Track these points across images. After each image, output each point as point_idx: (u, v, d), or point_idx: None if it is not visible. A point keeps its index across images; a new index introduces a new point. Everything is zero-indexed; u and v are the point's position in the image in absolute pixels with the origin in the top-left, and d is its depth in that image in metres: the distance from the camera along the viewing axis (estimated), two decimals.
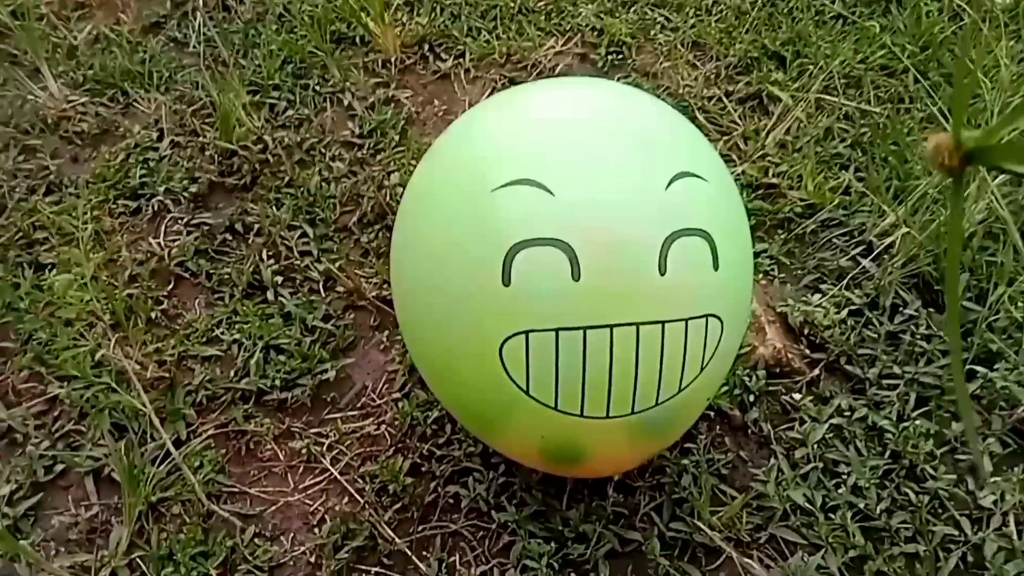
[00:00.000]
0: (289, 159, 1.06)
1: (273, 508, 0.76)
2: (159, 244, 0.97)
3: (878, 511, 0.73)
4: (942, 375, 0.83)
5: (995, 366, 0.83)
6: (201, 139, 1.09)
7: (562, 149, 0.58)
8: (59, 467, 0.78)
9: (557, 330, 0.56)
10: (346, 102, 1.14)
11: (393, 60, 1.21)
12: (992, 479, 0.75)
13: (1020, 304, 0.87)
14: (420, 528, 0.74)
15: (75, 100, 1.15)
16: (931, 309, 0.89)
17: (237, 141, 1.07)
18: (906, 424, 0.79)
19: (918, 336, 0.86)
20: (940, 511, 0.74)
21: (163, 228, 0.99)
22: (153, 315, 0.90)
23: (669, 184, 0.57)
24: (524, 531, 0.72)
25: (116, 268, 0.95)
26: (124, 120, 1.13)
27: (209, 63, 1.19)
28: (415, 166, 0.69)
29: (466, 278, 0.58)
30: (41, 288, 0.91)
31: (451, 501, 0.75)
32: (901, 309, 0.89)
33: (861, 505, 0.74)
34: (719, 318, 0.59)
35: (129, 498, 0.73)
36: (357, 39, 1.24)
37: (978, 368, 0.83)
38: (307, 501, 0.76)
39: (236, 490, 0.77)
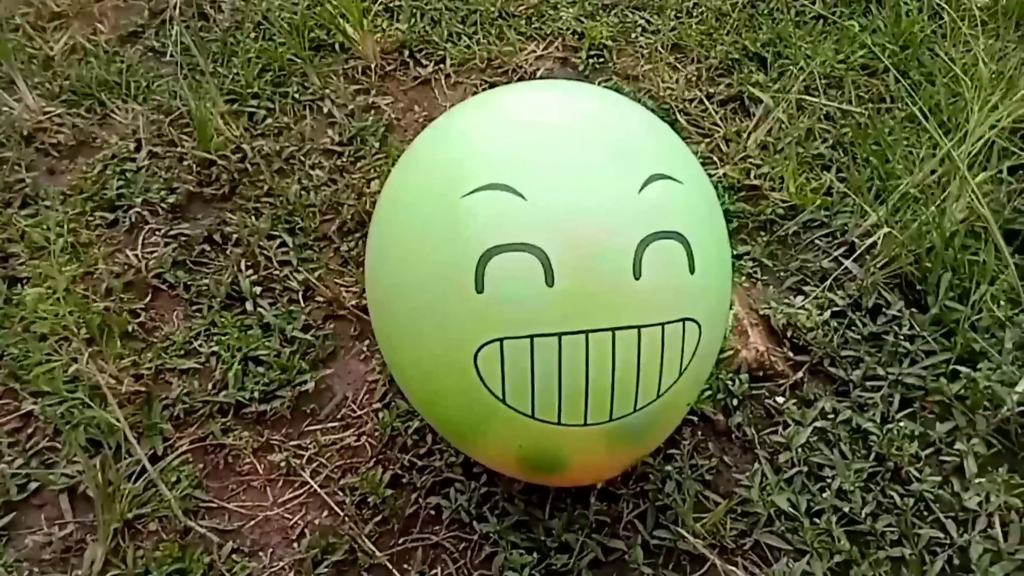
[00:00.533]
0: (268, 168, 1.05)
1: (252, 523, 0.74)
2: (136, 256, 0.96)
3: (863, 515, 0.73)
4: (926, 376, 0.82)
5: (978, 366, 0.82)
6: (179, 149, 1.08)
7: (534, 153, 0.58)
8: (33, 485, 0.76)
9: (532, 337, 0.55)
10: (326, 109, 1.14)
11: (373, 67, 1.20)
12: (977, 480, 0.75)
13: (1003, 303, 0.86)
14: (401, 541, 0.73)
15: (51, 111, 1.13)
16: (914, 309, 0.88)
17: (215, 150, 1.06)
18: (890, 426, 0.78)
19: (901, 337, 0.86)
20: (925, 514, 0.73)
21: (140, 240, 0.98)
22: (130, 328, 0.88)
23: (643, 187, 0.57)
24: (506, 542, 0.71)
25: (92, 281, 0.93)
26: (101, 131, 1.11)
27: (187, 72, 1.18)
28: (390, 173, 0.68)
29: (439, 285, 0.57)
30: (15, 303, 0.90)
31: (432, 513, 0.74)
32: (884, 310, 0.88)
33: (846, 509, 0.73)
34: (696, 322, 0.59)
35: (104, 515, 0.72)
36: (336, 46, 1.23)
37: (961, 368, 0.82)
38: (286, 515, 0.75)
39: (214, 505, 0.76)
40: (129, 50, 1.24)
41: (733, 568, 0.70)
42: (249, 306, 0.90)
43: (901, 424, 0.79)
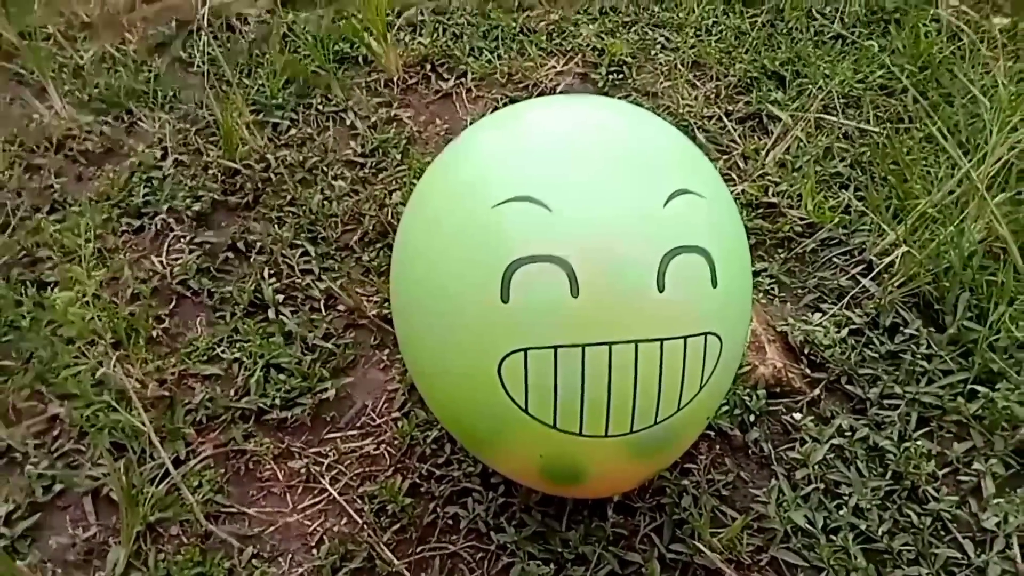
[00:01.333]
0: (291, 178, 1.07)
1: (271, 529, 0.75)
2: (161, 262, 0.98)
3: (880, 533, 0.73)
4: (943, 395, 0.83)
5: (996, 386, 0.82)
6: (204, 158, 1.10)
7: (561, 166, 0.59)
8: (58, 487, 0.77)
9: (556, 347, 0.56)
10: (348, 121, 1.15)
11: (395, 80, 1.22)
12: (995, 500, 0.75)
13: (1021, 324, 0.86)
14: (419, 549, 0.73)
15: (80, 119, 1.16)
16: (931, 328, 0.88)
17: (240, 160, 1.08)
18: (908, 444, 0.78)
19: (919, 356, 0.86)
20: (943, 533, 0.73)
21: (165, 246, 1.00)
22: (154, 333, 0.90)
23: (667, 201, 0.58)
24: (523, 553, 0.71)
25: (118, 287, 0.95)
26: (128, 139, 1.14)
27: (213, 83, 1.20)
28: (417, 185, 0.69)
29: (465, 295, 0.58)
30: (43, 306, 0.91)
31: (450, 522, 0.75)
32: (901, 328, 0.89)
33: (863, 527, 0.73)
34: (718, 336, 0.59)
35: (127, 519, 0.73)
36: (360, 59, 1.25)
37: (979, 388, 0.82)
38: (306, 521, 0.76)
39: (235, 510, 0.76)
40: (157, 60, 1.26)
41: None
42: (271, 314, 0.92)
43: (918, 442, 0.79)
